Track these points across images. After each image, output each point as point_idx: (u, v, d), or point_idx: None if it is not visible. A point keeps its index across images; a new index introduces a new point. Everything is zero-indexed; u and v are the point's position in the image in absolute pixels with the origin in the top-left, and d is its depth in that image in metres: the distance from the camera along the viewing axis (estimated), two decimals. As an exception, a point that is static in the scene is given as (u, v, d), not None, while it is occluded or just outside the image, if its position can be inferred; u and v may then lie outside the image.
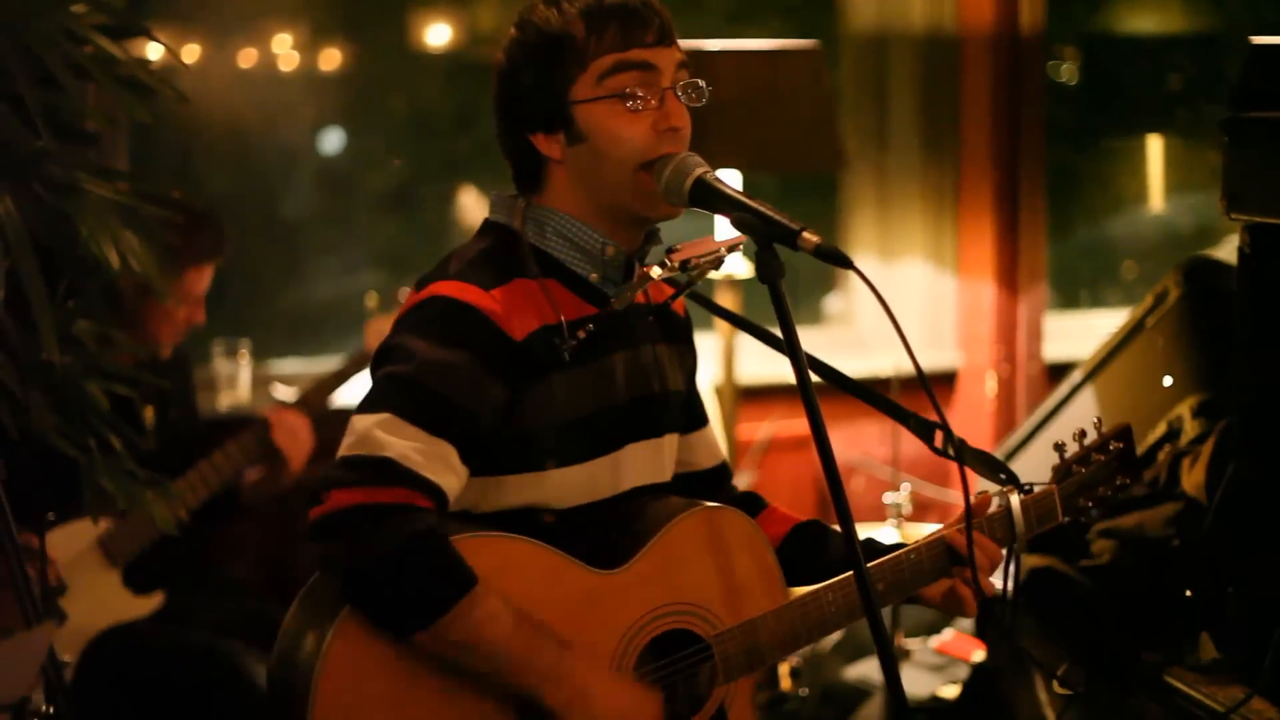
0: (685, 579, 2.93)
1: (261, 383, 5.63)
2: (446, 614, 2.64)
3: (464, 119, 6.55)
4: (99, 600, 4.40)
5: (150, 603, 4.56)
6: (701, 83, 2.86)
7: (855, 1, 6.50)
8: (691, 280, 2.89)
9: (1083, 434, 3.24)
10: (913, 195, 6.49)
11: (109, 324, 4.08)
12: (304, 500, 2.72)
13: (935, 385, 5.41)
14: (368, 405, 2.72)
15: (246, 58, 6.14)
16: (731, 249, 2.84)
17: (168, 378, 4.42)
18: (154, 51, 4.64)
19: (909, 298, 6.44)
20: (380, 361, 2.79)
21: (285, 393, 5.23)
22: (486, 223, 2.95)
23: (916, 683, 4.99)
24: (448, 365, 2.71)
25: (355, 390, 4.82)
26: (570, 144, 2.84)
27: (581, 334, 2.84)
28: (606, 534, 2.89)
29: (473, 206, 6.43)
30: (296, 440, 4.65)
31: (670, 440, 3.08)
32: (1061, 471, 3.21)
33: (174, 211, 4.03)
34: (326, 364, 5.35)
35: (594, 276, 2.91)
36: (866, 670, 5.17)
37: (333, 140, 6.48)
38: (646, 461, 3.00)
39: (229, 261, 4.79)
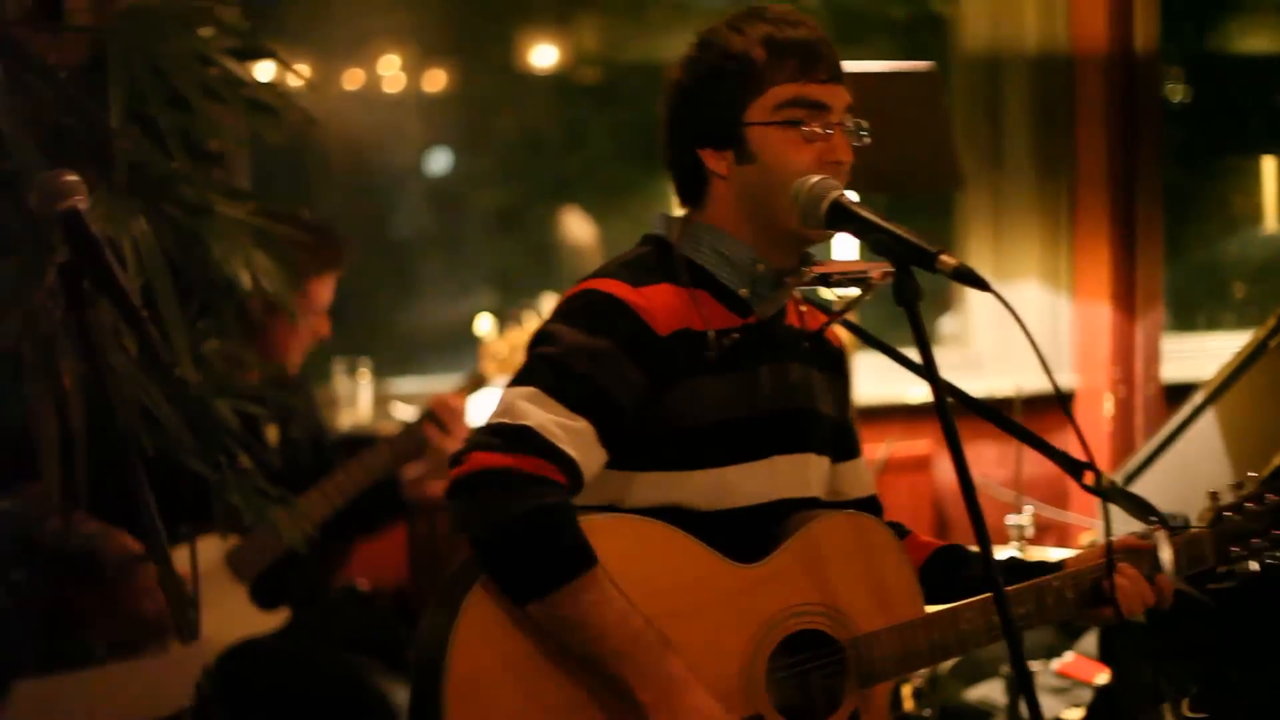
0: (822, 579, 2.95)
1: (381, 402, 5.67)
2: (559, 589, 2.71)
3: (571, 140, 6.58)
4: (226, 615, 4.43)
5: (276, 618, 4.59)
6: (865, 124, 2.97)
7: (967, 22, 6.49)
8: (846, 306, 2.94)
9: (1239, 484, 3.26)
10: (1027, 216, 6.46)
11: (238, 343, 4.14)
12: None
13: (1052, 408, 5.37)
14: (517, 380, 2.85)
15: (354, 79, 6.19)
16: (886, 275, 2.86)
17: (293, 395, 4.46)
18: (263, 72, 4.68)
19: (1024, 319, 6.37)
20: (533, 345, 2.91)
21: (406, 411, 5.26)
22: (645, 236, 3.06)
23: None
24: (592, 350, 2.83)
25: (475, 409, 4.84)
26: (738, 162, 2.94)
27: (727, 341, 2.93)
28: (746, 534, 2.93)
29: (580, 227, 6.45)
30: (458, 419, 4.68)
31: (817, 461, 3.11)
32: (1213, 516, 3.22)
33: (298, 229, 4.07)
34: (445, 383, 5.38)
35: (743, 291, 2.99)
36: (987, 692, 5.14)
37: (440, 161, 6.52)
38: (791, 475, 3.03)
39: (347, 281, 4.83)
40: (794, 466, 3.04)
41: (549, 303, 4.92)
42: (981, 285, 2.72)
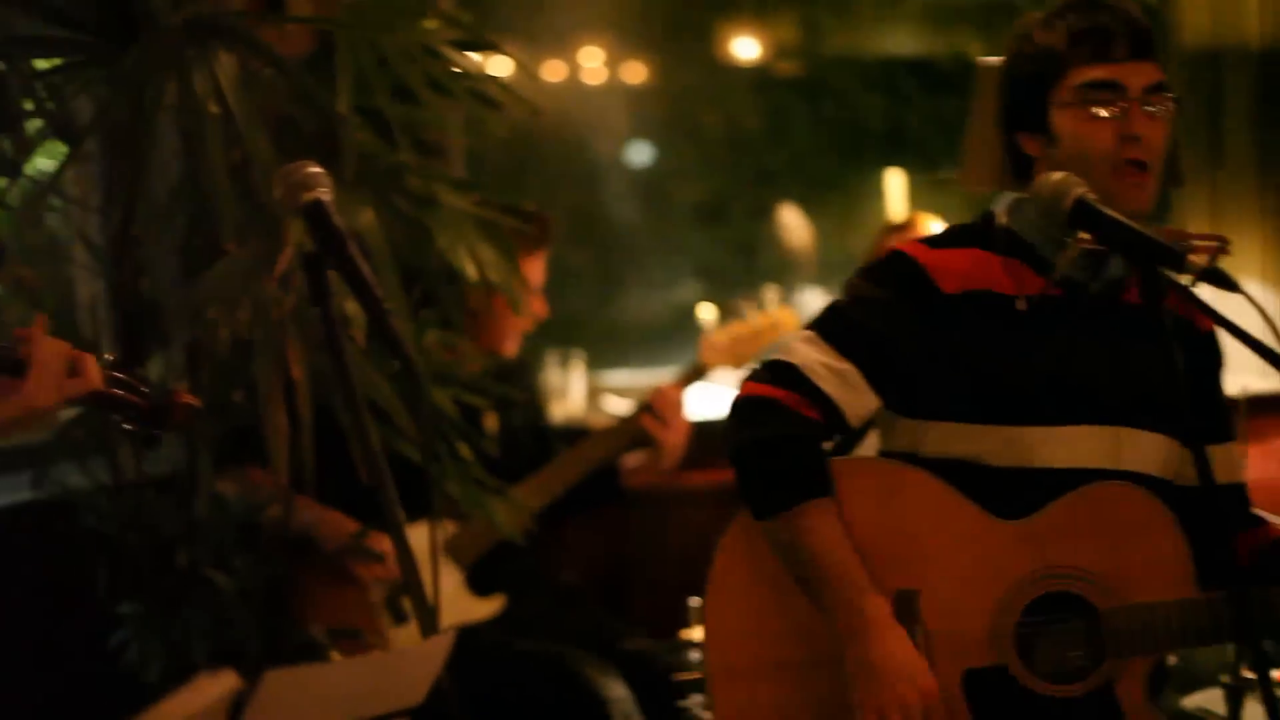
0: (1085, 545, 2.98)
1: (594, 394, 5.68)
2: (787, 510, 2.95)
3: (774, 132, 6.55)
4: (441, 602, 4.44)
5: (491, 606, 4.61)
6: (1170, 96, 3.07)
7: (1187, 17, 6.36)
8: (1185, 282, 2.93)
9: None
10: (1249, 214, 6.32)
11: (457, 331, 4.17)
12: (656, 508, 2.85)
13: (1273, 412, 5.26)
14: (806, 325, 3.09)
15: (556, 71, 6.21)
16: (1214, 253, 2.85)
17: (512, 384, 4.48)
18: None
19: (1246, 320, 6.24)
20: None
21: (617, 404, 5.27)
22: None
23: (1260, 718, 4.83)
24: (871, 299, 3.05)
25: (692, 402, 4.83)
26: (1048, 145, 3.08)
27: (1022, 305, 3.04)
28: (1034, 496, 3.00)
29: (788, 221, 6.42)
30: (676, 411, 4.68)
31: (1142, 438, 3.09)
32: None
33: (520, 220, 4.09)
34: (655, 375, 5.37)
35: (1057, 262, 3.05)
36: (1205, 700, 5.03)
37: (642, 153, 6.52)
38: (1097, 446, 3.05)
39: (559, 272, 4.84)
40: (1103, 438, 3.06)
41: (770, 295, 4.89)
42: (1231, 286, 2.74)
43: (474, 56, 4.06)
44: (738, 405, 3.04)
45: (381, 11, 3.87)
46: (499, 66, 4.35)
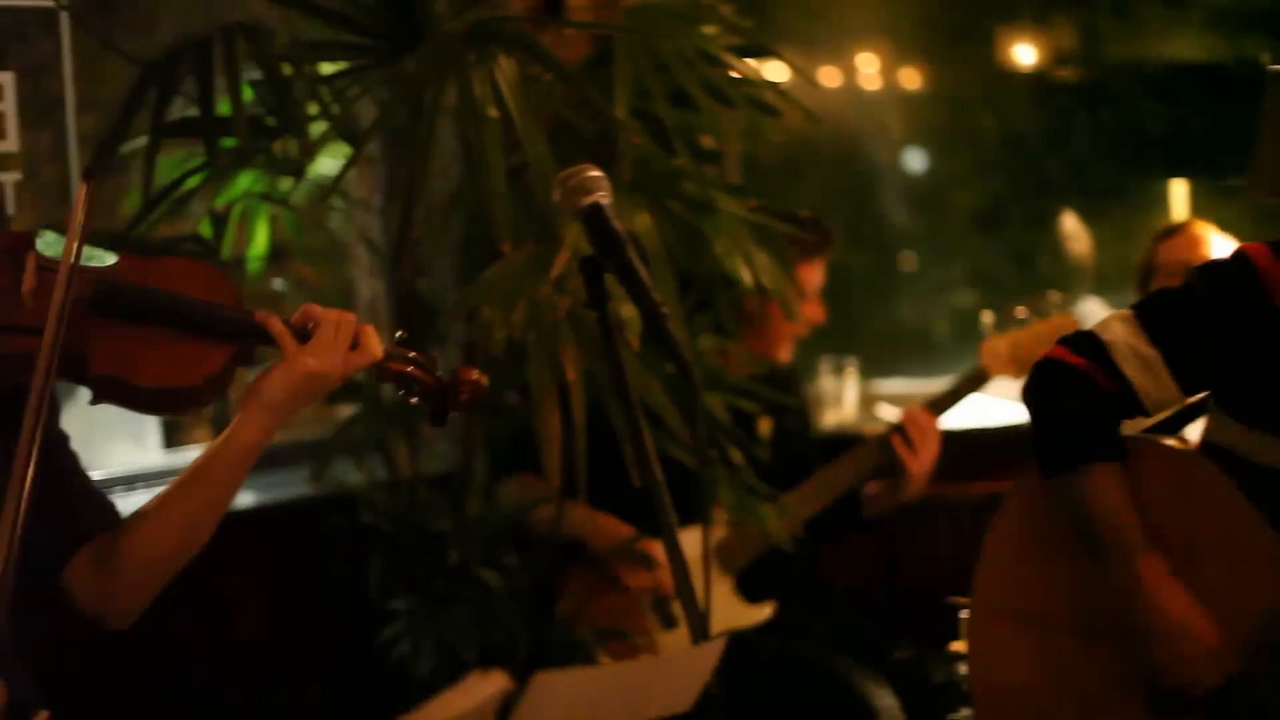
0: None
1: (867, 402, 5.63)
2: (1073, 469, 3.04)
3: (1053, 139, 6.44)
4: (712, 606, 4.42)
5: (761, 612, 4.59)
6: None
7: None
8: None
9: None
10: None
11: (733, 338, 4.16)
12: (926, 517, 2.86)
13: None
14: (1133, 304, 3.13)
15: (831, 76, 6.17)
16: None
17: (784, 391, 4.46)
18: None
19: None
20: None
21: (890, 412, 5.21)
22: None
23: None
24: (1198, 295, 3.05)
25: (958, 412, 4.75)
26: None
27: None
28: None
29: (1071, 228, 6.31)
30: (925, 439, 4.59)
31: None
32: None
33: (796, 227, 4.06)
34: (930, 384, 5.30)
35: None
36: None
37: (918, 159, 6.46)
38: None
39: (834, 277, 4.80)
40: None
41: (1053, 299, 4.78)
42: None
43: (751, 63, 4.04)
44: (1041, 365, 3.11)
45: (661, 17, 3.87)
46: (775, 72, 4.32)
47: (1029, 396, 3.12)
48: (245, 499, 4.75)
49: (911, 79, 6.38)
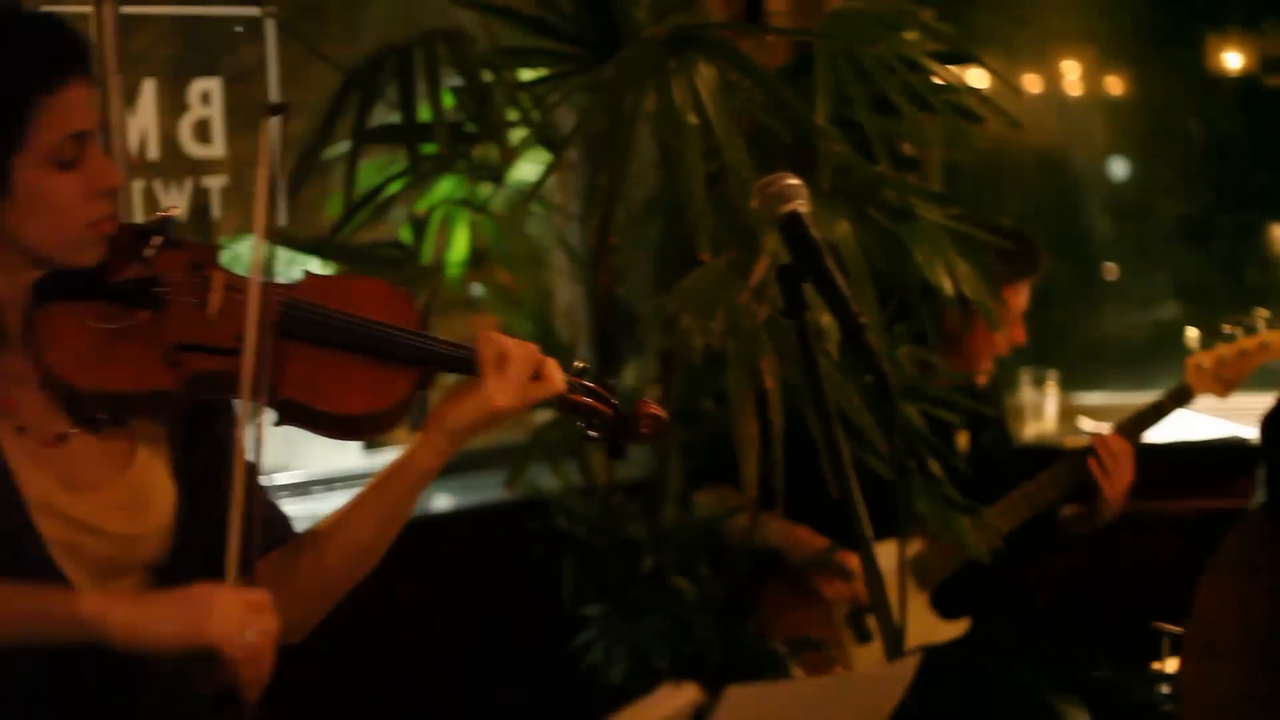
0: None
1: (1068, 414, 5.55)
2: None
3: (1264, 148, 6.30)
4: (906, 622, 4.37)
5: (956, 627, 4.53)
6: None
7: None
8: None
9: None
10: None
11: (933, 349, 4.10)
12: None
13: None
14: None
15: (1032, 83, 6.09)
16: None
17: (983, 403, 4.40)
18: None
19: None
20: None
21: (1091, 426, 5.12)
22: None
23: None
24: None
25: (1162, 428, 4.66)
26: None
27: None
28: None
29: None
30: (1118, 465, 4.51)
31: None
32: None
33: (998, 237, 4.00)
34: (1133, 397, 5.20)
35: None
36: None
37: (1120, 167, 6.36)
38: None
39: (1035, 289, 4.72)
40: None
41: (1260, 316, 4.67)
42: None
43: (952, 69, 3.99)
44: None
45: (862, 23, 3.83)
46: (975, 79, 4.25)
47: (1270, 434, 3.08)
48: (441, 502, 4.80)
49: (1116, 85, 6.28)
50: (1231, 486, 4.95)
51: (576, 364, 2.50)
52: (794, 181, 2.53)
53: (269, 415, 2.29)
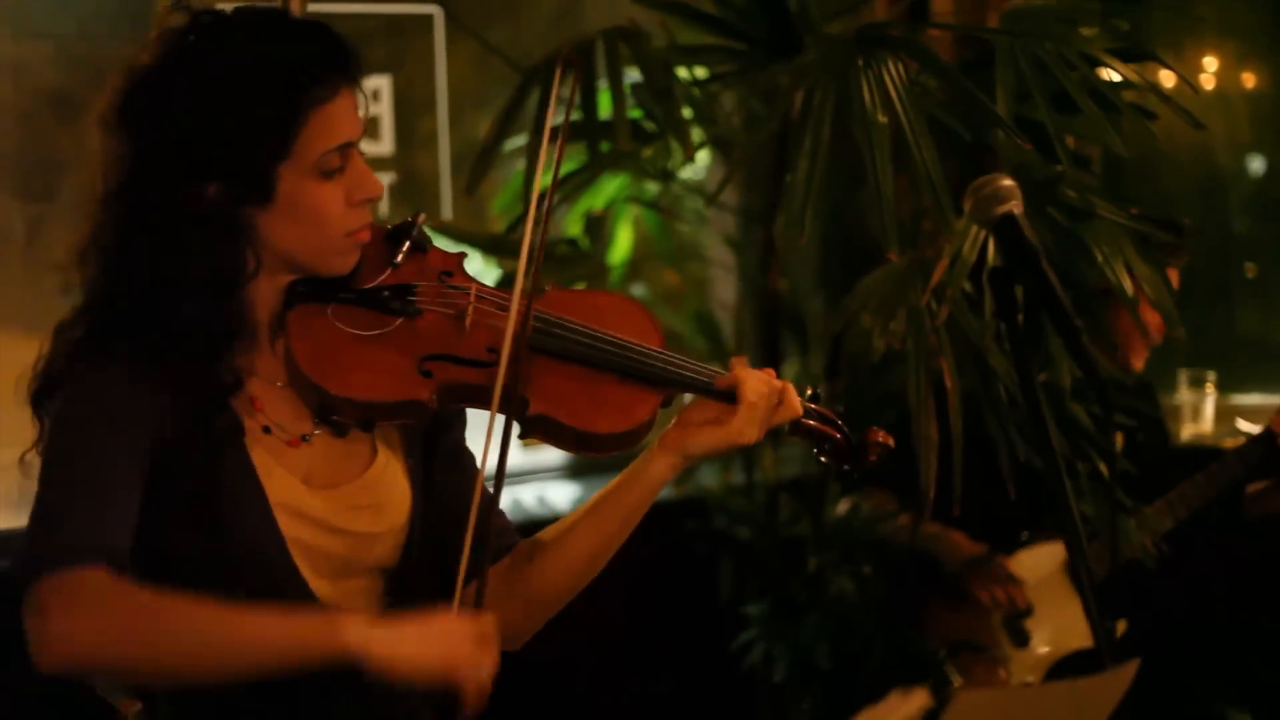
0: None
1: (1224, 415, 5.49)
2: None
3: None
4: (1065, 625, 4.35)
5: (1116, 629, 4.49)
6: None
7: None
8: None
9: None
10: None
11: (1101, 345, 4.06)
12: None
13: None
14: None
15: (1168, 79, 6.04)
16: None
17: (1139, 401, 4.35)
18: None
19: None
20: None
21: (1248, 427, 5.07)
22: None
23: None
24: None
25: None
26: None
27: None
28: None
29: None
30: None
31: None
32: None
33: (1170, 234, 3.97)
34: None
35: None
36: None
37: (1260, 164, 6.31)
38: None
39: (1189, 289, 4.67)
40: None
41: None
42: None
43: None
44: None
45: (1041, 20, 3.79)
46: (1184, 81, 4.19)
47: None
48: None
49: (1254, 80, 6.22)
50: None
51: (808, 390, 2.47)
52: (1009, 183, 2.51)
53: (515, 429, 2.27)
